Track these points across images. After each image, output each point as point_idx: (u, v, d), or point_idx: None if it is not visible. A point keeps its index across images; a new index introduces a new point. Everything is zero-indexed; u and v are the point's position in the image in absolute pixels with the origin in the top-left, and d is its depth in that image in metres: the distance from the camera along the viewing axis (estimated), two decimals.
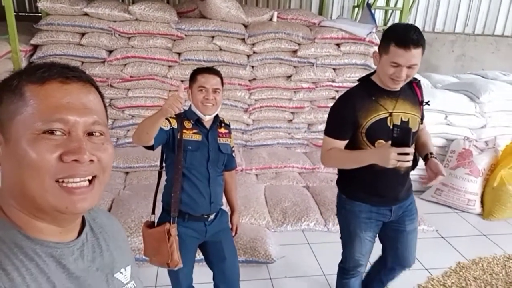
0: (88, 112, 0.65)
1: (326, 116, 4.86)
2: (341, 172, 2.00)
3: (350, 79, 4.11)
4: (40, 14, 4.06)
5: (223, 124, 2.01)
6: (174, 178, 1.85)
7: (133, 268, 0.83)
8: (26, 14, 5.22)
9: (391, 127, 1.68)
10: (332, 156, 1.83)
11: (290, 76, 4.08)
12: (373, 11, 4.57)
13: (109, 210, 3.04)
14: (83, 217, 0.75)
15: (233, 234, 2.13)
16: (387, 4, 6.00)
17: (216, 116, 1.95)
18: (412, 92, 1.86)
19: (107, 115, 0.72)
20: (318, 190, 3.68)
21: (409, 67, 1.64)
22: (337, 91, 4.20)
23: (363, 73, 4.16)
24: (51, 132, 0.61)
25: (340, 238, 2.05)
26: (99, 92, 0.70)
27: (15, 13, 3.30)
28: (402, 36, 1.60)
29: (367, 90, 1.79)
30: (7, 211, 0.65)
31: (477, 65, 6.46)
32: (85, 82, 0.67)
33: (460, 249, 3.13)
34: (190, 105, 1.92)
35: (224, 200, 2.07)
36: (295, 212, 3.28)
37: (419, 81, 1.92)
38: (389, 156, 1.55)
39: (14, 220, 0.65)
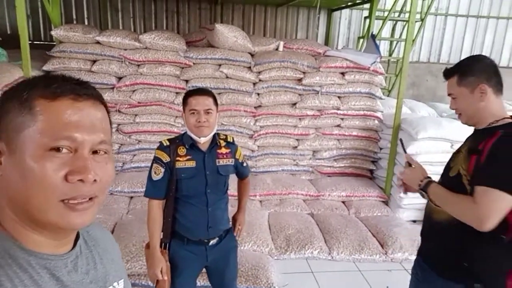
0: (96, 130, 0.65)
1: (331, 143, 4.82)
2: None
3: (354, 107, 4.16)
4: (54, 43, 4.21)
5: (224, 144, 1.91)
6: (166, 206, 1.85)
7: (126, 282, 0.83)
8: (42, 42, 5.41)
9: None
10: None
11: (295, 104, 4.14)
12: (377, 42, 4.67)
13: (111, 233, 3.02)
14: None
15: (235, 233, 2.06)
16: (392, 35, 6.13)
17: (214, 137, 1.87)
18: (478, 138, 1.44)
19: (111, 132, 0.72)
20: (323, 217, 3.64)
21: (452, 98, 1.59)
22: (342, 119, 4.24)
23: (368, 101, 4.24)
24: (58, 149, 0.61)
25: None
26: (107, 109, 0.71)
27: (30, 42, 3.42)
28: None
29: None
30: (3, 221, 0.65)
31: None
32: (95, 100, 0.67)
33: None
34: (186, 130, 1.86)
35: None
36: (298, 239, 3.23)
37: (504, 135, 1.37)
38: None
39: (10, 230, 0.65)
